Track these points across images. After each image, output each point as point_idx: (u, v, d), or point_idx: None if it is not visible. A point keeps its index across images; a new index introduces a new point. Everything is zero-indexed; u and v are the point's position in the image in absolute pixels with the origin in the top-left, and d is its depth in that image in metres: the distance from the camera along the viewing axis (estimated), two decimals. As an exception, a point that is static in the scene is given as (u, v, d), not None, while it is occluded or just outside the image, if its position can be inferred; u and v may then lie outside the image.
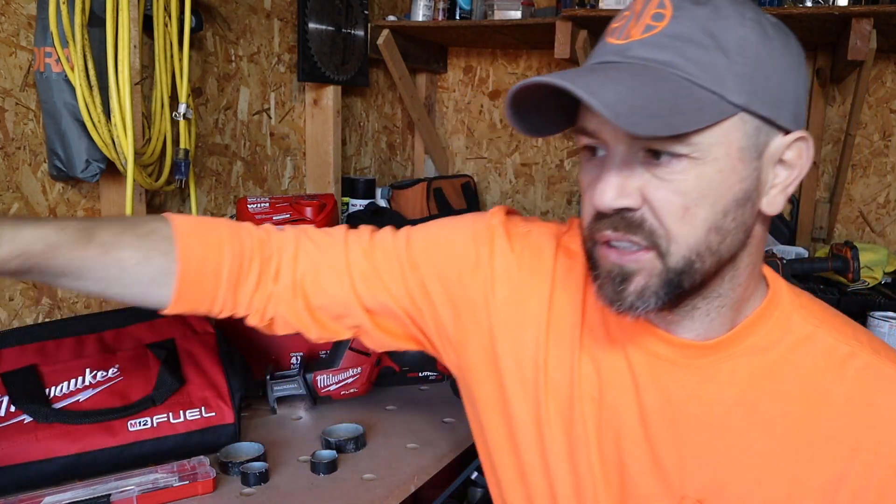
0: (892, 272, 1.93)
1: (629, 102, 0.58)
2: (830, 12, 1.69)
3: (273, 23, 1.93)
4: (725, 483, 0.72)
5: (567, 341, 0.78)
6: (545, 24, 2.02)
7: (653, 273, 0.65)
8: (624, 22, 0.66)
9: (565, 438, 0.78)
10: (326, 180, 2.11)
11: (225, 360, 1.12)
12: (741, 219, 0.66)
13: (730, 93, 0.62)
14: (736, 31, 0.62)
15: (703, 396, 0.73)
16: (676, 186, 0.63)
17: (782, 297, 0.74)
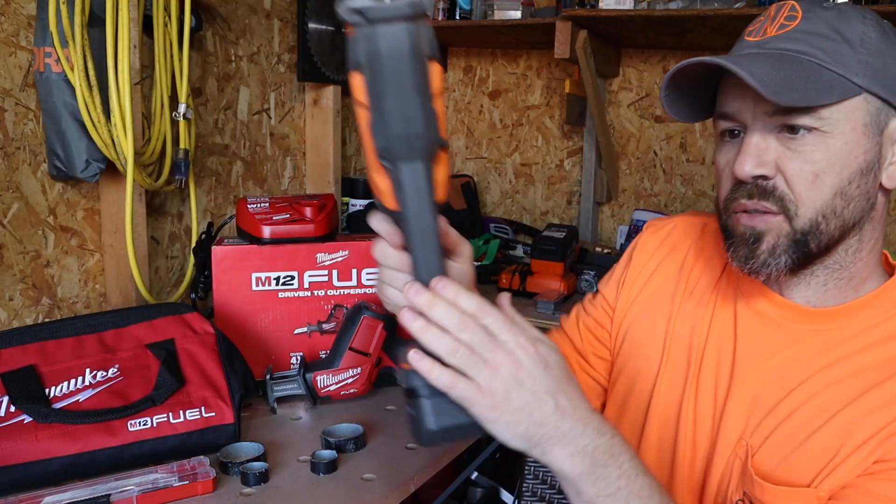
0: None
1: (772, 77, 0.70)
2: (830, 12, 1.69)
3: (273, 23, 1.93)
4: (778, 430, 0.78)
5: (695, 300, 0.91)
6: (545, 24, 2.03)
7: (781, 233, 0.75)
8: (759, 24, 0.79)
9: (680, 376, 0.89)
10: (326, 180, 2.11)
11: (225, 360, 1.12)
12: (864, 187, 0.75)
13: (854, 76, 0.72)
14: (858, 28, 0.74)
15: (791, 357, 0.80)
16: (807, 156, 0.73)
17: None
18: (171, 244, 1.67)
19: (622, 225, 2.52)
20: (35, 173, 1.36)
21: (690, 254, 0.96)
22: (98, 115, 1.30)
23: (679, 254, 0.97)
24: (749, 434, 0.81)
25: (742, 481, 0.80)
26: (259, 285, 1.31)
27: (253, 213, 1.32)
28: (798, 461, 0.77)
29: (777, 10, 0.77)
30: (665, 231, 1.00)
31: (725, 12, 1.72)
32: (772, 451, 0.79)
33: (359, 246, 1.35)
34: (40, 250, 1.38)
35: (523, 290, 2.03)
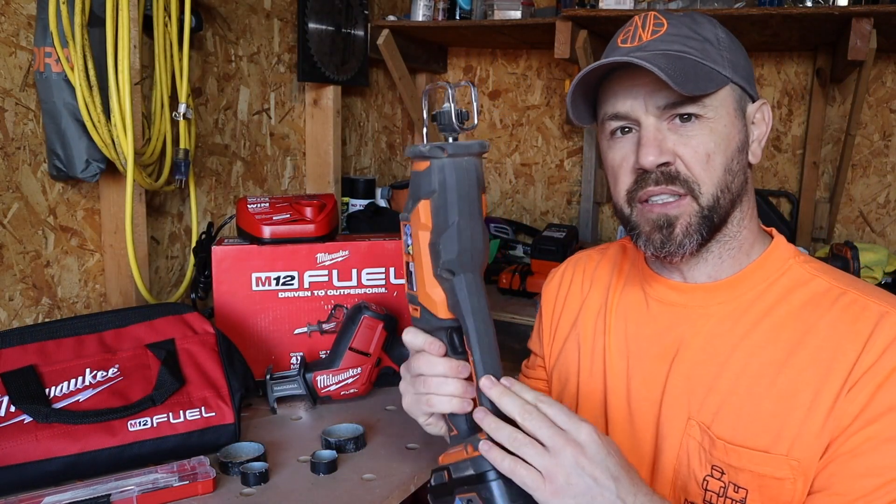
0: (892, 272, 1.93)
1: (673, 71, 0.78)
2: (830, 12, 1.69)
3: (273, 23, 1.93)
4: (723, 404, 0.83)
5: (605, 313, 0.99)
6: (545, 24, 2.03)
7: (692, 213, 0.83)
8: (631, 33, 0.86)
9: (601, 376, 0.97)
10: (326, 180, 2.11)
11: (225, 360, 1.12)
12: (741, 163, 0.85)
13: (722, 69, 0.83)
14: (711, 31, 0.86)
15: (711, 332, 0.87)
16: (698, 140, 0.82)
17: (783, 249, 0.89)
18: (171, 244, 1.67)
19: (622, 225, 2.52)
20: (35, 173, 1.36)
21: (587, 277, 1.05)
22: (98, 115, 1.30)
23: (578, 285, 1.05)
24: (696, 413, 0.85)
25: (708, 456, 0.83)
26: (259, 285, 1.31)
27: (253, 213, 1.32)
28: (750, 430, 0.81)
29: (643, 19, 0.87)
30: (559, 273, 1.10)
31: (725, 12, 1.72)
32: (724, 425, 0.82)
33: (359, 246, 1.35)
34: (40, 250, 1.38)
35: (523, 290, 2.03)
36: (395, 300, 1.37)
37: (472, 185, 0.74)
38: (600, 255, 1.07)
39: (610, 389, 0.94)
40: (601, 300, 1.00)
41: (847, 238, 2.23)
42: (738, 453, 0.81)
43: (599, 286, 1.02)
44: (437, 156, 0.73)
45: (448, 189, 0.72)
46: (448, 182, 0.72)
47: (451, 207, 0.73)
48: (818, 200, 2.23)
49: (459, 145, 0.73)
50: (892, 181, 2.19)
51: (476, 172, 0.75)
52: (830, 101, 2.20)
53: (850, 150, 2.07)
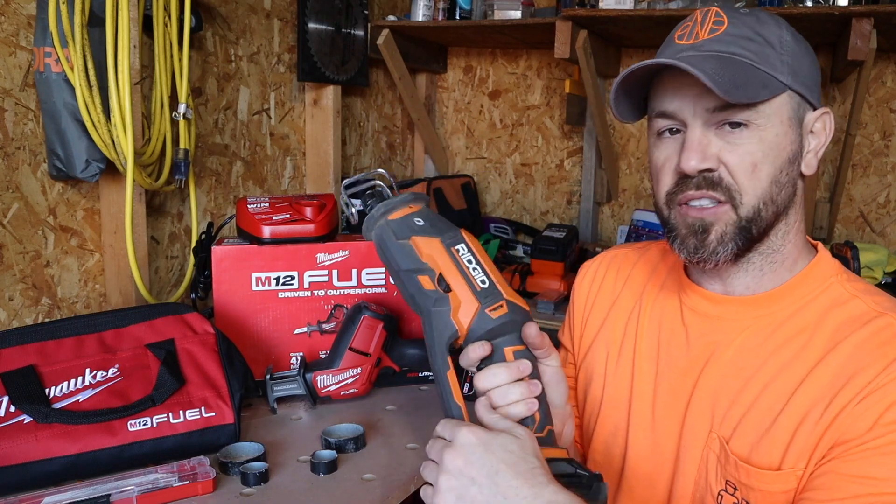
0: (892, 272, 1.93)
1: (721, 77, 0.75)
2: (830, 12, 1.69)
3: (273, 23, 1.93)
4: (743, 419, 0.82)
5: (641, 315, 0.98)
6: (545, 24, 2.03)
7: (728, 222, 0.81)
8: (689, 29, 0.84)
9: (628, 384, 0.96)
10: (326, 180, 2.11)
11: (225, 360, 1.12)
12: (791, 175, 0.82)
13: (780, 75, 0.80)
14: (776, 32, 0.82)
15: (743, 346, 0.85)
16: (746, 149, 0.79)
17: (826, 265, 0.87)
18: (171, 244, 1.67)
19: (622, 225, 2.53)
20: (35, 173, 1.36)
21: (621, 275, 1.03)
22: (98, 115, 1.30)
23: (611, 281, 1.04)
24: (718, 426, 0.84)
25: (723, 471, 0.83)
26: (259, 285, 1.31)
27: (253, 213, 1.32)
28: (764, 447, 0.80)
29: (703, 15, 0.84)
30: (593, 268, 1.08)
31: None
32: (742, 440, 0.82)
33: (359, 246, 1.35)
34: (40, 250, 1.38)
35: (523, 290, 2.03)
36: (394, 300, 1.37)
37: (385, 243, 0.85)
38: (638, 255, 1.04)
39: (636, 393, 0.94)
40: (633, 302, 0.99)
41: (847, 238, 2.23)
42: (748, 472, 0.80)
43: (633, 287, 1.01)
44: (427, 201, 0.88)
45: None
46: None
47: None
48: (818, 200, 2.23)
49: (390, 203, 0.86)
50: (892, 181, 2.19)
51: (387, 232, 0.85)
52: (830, 100, 2.20)
53: (850, 150, 2.07)
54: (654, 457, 0.91)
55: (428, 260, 0.79)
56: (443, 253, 0.79)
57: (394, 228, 0.82)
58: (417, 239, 0.80)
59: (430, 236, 0.80)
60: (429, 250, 0.79)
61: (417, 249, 0.80)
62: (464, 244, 0.81)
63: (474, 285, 0.78)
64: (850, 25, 1.70)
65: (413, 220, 0.82)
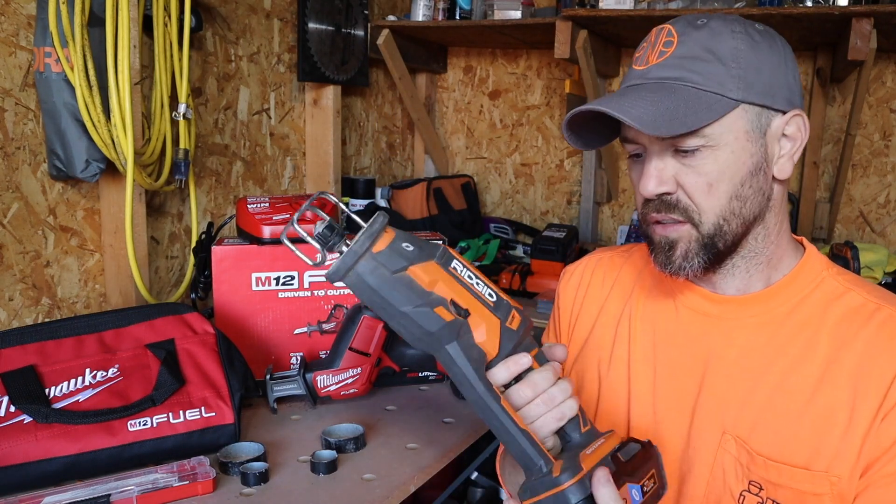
0: (892, 272, 1.93)
1: (651, 113, 0.77)
2: (830, 12, 1.69)
3: (273, 23, 1.93)
4: (759, 419, 0.83)
5: (632, 317, 0.98)
6: (545, 24, 2.03)
7: (691, 240, 0.83)
8: (643, 52, 0.85)
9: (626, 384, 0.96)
10: (326, 180, 2.11)
11: (225, 360, 1.12)
12: (757, 185, 0.82)
13: (729, 91, 0.79)
14: (728, 44, 0.80)
15: (745, 345, 0.86)
16: (700, 170, 0.81)
17: (815, 261, 0.88)
18: (171, 244, 1.67)
19: (622, 225, 2.53)
20: (35, 173, 1.36)
21: (608, 279, 1.03)
22: (98, 115, 1.30)
23: (598, 286, 1.04)
24: (731, 427, 0.84)
25: (745, 471, 0.83)
26: (259, 285, 1.31)
27: (253, 213, 1.32)
28: (789, 446, 0.81)
29: (657, 34, 0.84)
30: (578, 272, 1.08)
31: (725, 12, 1.72)
32: (763, 440, 0.82)
33: (359, 246, 1.35)
34: (40, 250, 1.38)
35: (523, 290, 2.03)
36: (395, 300, 1.37)
37: (381, 287, 0.71)
38: (623, 259, 1.05)
39: (634, 397, 0.94)
40: (622, 305, 0.99)
41: (847, 238, 2.23)
42: (779, 469, 0.81)
43: (621, 291, 1.01)
44: (342, 282, 0.73)
45: (369, 302, 0.73)
46: (365, 297, 0.72)
47: (382, 315, 0.73)
48: (818, 200, 2.22)
49: (349, 256, 0.69)
50: (892, 181, 2.19)
51: (376, 273, 0.71)
52: (830, 100, 2.20)
53: (851, 149, 2.07)
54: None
55: (434, 288, 0.69)
56: (445, 275, 0.71)
57: (384, 262, 0.68)
58: (415, 268, 0.69)
59: (425, 261, 0.69)
60: (431, 277, 0.69)
61: (419, 280, 0.69)
62: (456, 260, 0.72)
63: (486, 301, 0.73)
64: (850, 25, 1.70)
65: (402, 247, 0.69)
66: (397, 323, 0.70)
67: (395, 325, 0.71)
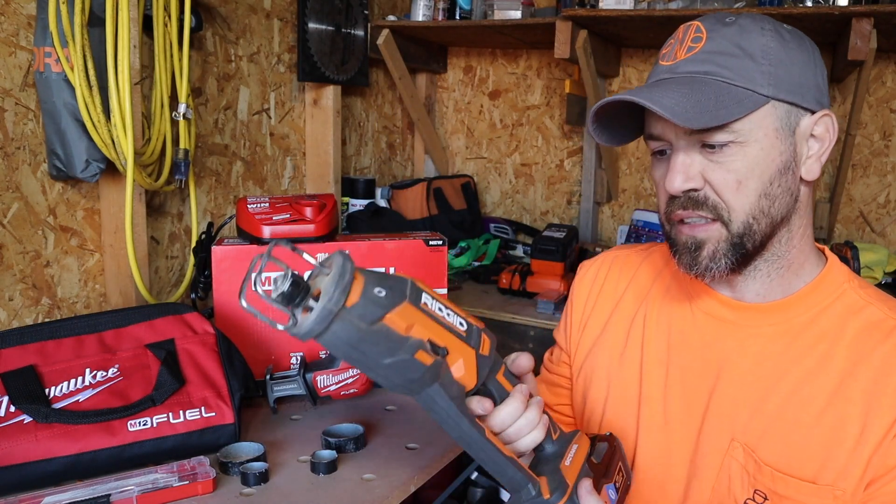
0: (892, 272, 1.93)
1: (683, 105, 0.75)
2: (830, 12, 1.69)
3: (273, 23, 1.93)
4: (770, 428, 0.82)
5: (647, 317, 0.97)
6: (545, 24, 2.03)
7: (720, 239, 0.81)
8: (670, 48, 0.84)
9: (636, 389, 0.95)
10: (326, 180, 2.11)
11: (225, 360, 1.12)
12: (786, 185, 0.81)
13: (760, 87, 0.78)
14: (758, 41, 0.79)
15: (760, 353, 0.85)
16: (729, 166, 0.79)
17: (837, 272, 0.87)
18: (171, 244, 1.67)
19: (622, 225, 2.52)
20: (35, 173, 1.36)
21: (624, 277, 1.02)
22: (98, 115, 1.30)
23: (613, 282, 1.03)
24: (740, 434, 0.84)
25: (751, 480, 0.83)
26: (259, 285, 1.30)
27: (253, 213, 1.32)
28: (798, 458, 0.80)
29: (684, 31, 0.83)
30: (594, 269, 1.06)
31: (725, 12, 1.72)
32: (771, 450, 0.82)
33: (359, 246, 1.35)
34: (40, 250, 1.38)
35: (523, 290, 2.03)
36: (395, 300, 1.37)
37: (359, 341, 0.66)
38: (641, 258, 1.03)
39: (645, 397, 0.93)
40: (637, 305, 0.98)
41: (847, 238, 2.23)
42: (786, 482, 0.80)
43: (637, 290, 1.00)
44: (317, 340, 0.70)
45: (347, 358, 0.69)
46: (341, 353, 0.68)
47: (361, 367, 0.70)
48: (818, 200, 2.22)
49: (320, 315, 0.66)
50: (892, 181, 2.19)
51: (354, 326, 0.66)
52: (830, 100, 2.20)
53: (851, 150, 2.07)
54: (666, 461, 0.90)
55: (411, 332, 0.64)
56: (419, 315, 0.65)
57: (360, 315, 0.62)
58: (391, 315, 0.63)
59: (399, 304, 0.63)
60: (406, 321, 0.64)
61: (396, 327, 0.63)
62: (425, 293, 0.67)
63: (459, 333, 0.69)
64: (850, 25, 1.70)
65: (375, 294, 0.63)
66: (376, 374, 0.65)
67: (373, 376, 0.66)
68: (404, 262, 1.37)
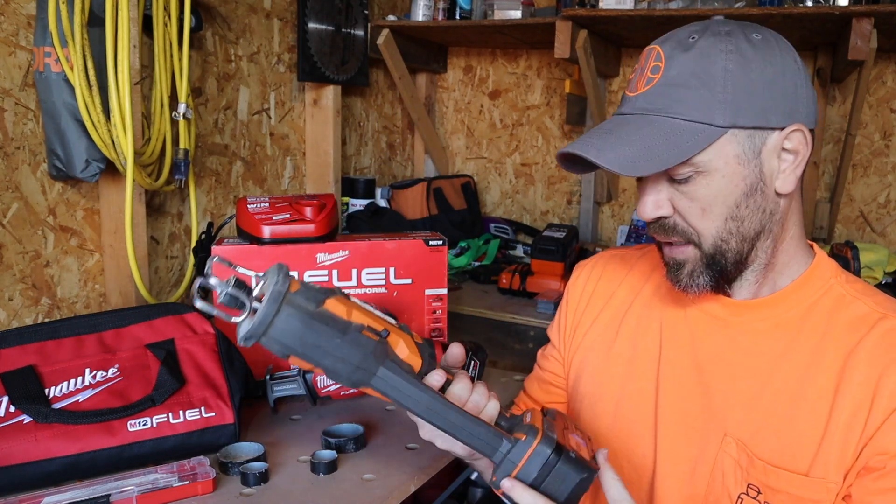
0: (892, 272, 1.93)
1: (630, 153, 0.78)
2: (831, 12, 1.69)
3: (273, 22, 1.93)
4: (763, 423, 0.84)
5: (640, 315, 0.99)
6: (545, 24, 2.02)
7: (696, 259, 0.84)
8: (634, 76, 0.84)
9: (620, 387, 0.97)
10: (326, 180, 2.11)
11: (225, 360, 1.12)
12: (755, 205, 0.82)
13: (715, 118, 0.78)
14: (717, 66, 0.77)
15: (751, 348, 0.87)
16: (693, 196, 0.81)
17: (825, 267, 0.88)
18: (171, 244, 1.67)
19: (622, 225, 2.52)
20: (35, 173, 1.36)
21: (617, 276, 1.04)
22: (98, 115, 1.30)
23: (607, 281, 1.05)
24: (734, 430, 0.85)
25: (745, 474, 0.84)
26: (259, 285, 1.31)
27: (253, 213, 1.32)
28: (790, 452, 0.81)
29: (646, 57, 0.83)
30: (589, 267, 1.08)
31: (725, 12, 1.72)
32: (764, 445, 0.83)
33: (359, 246, 1.35)
34: (40, 250, 1.38)
35: (523, 290, 2.03)
36: (394, 300, 1.37)
37: (304, 330, 0.73)
38: (636, 257, 1.06)
39: (635, 392, 0.94)
40: (629, 302, 1.00)
41: (847, 238, 2.23)
42: (778, 475, 0.81)
43: (629, 288, 1.02)
44: (258, 342, 0.76)
45: (292, 350, 0.74)
46: (285, 347, 0.74)
47: (310, 358, 0.75)
48: (818, 200, 2.22)
49: (263, 316, 0.71)
50: (892, 181, 2.19)
51: (298, 316, 0.72)
52: (831, 100, 2.20)
53: (851, 149, 2.07)
54: (658, 455, 0.91)
55: (352, 317, 0.71)
56: (353, 304, 0.72)
57: (304, 300, 0.69)
58: (330, 301, 0.70)
59: (333, 294, 0.71)
60: (345, 307, 0.71)
61: (338, 311, 0.71)
62: (349, 294, 0.75)
63: (391, 322, 0.76)
64: (850, 25, 1.70)
65: (310, 284, 0.71)
66: (329, 362, 0.70)
67: (326, 366, 0.71)
68: (404, 262, 1.37)
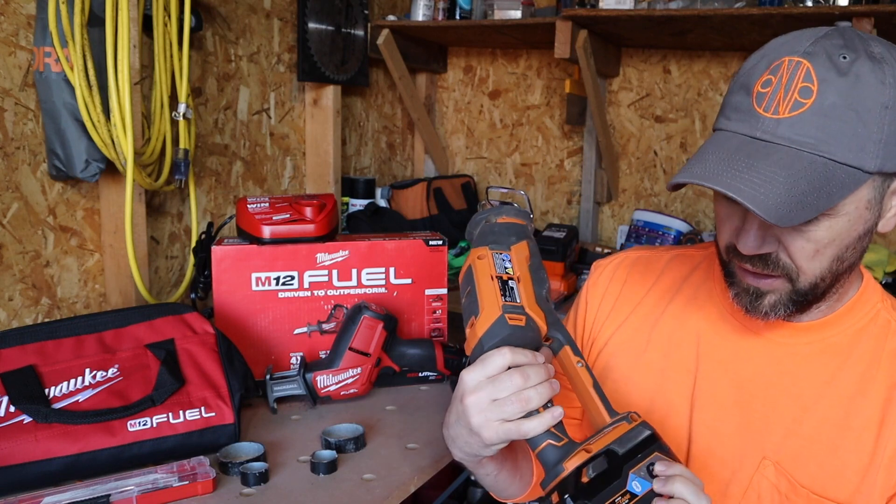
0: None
1: (776, 195, 0.67)
2: (831, 12, 1.69)
3: (273, 22, 1.93)
4: (804, 449, 0.81)
5: (675, 322, 0.93)
6: (545, 24, 2.02)
7: (783, 293, 0.77)
8: (771, 90, 0.71)
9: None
10: (326, 180, 2.11)
11: (225, 360, 1.12)
12: (861, 246, 0.77)
13: (867, 162, 0.69)
14: (875, 99, 0.68)
15: (796, 372, 0.83)
16: (810, 236, 0.73)
17: (871, 291, 0.85)
18: (171, 244, 1.67)
19: (622, 225, 2.52)
20: (35, 173, 1.36)
21: (645, 282, 0.97)
22: (98, 115, 1.30)
23: (632, 286, 0.98)
24: (772, 453, 0.82)
25: (784, 499, 0.81)
26: (259, 285, 1.31)
27: (253, 213, 1.32)
28: (834, 481, 0.79)
29: (790, 73, 0.70)
30: (613, 266, 1.01)
31: (725, 12, 1.72)
32: (805, 471, 0.80)
33: (359, 246, 1.35)
34: (40, 250, 1.38)
35: (523, 290, 2.02)
36: (394, 300, 1.37)
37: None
38: (665, 261, 0.99)
39: (667, 405, 0.90)
40: (661, 310, 0.93)
41: (847, 238, 2.23)
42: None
43: (659, 294, 0.95)
44: (529, 220, 0.94)
45: (533, 239, 0.90)
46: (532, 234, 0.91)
47: (537, 252, 0.89)
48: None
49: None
50: (892, 181, 2.18)
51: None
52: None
53: (851, 149, 2.06)
54: (709, 474, 0.87)
55: None
56: None
57: None
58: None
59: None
60: None
61: None
62: None
63: None
64: (850, 25, 1.70)
65: None
66: None
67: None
68: (404, 262, 1.37)
